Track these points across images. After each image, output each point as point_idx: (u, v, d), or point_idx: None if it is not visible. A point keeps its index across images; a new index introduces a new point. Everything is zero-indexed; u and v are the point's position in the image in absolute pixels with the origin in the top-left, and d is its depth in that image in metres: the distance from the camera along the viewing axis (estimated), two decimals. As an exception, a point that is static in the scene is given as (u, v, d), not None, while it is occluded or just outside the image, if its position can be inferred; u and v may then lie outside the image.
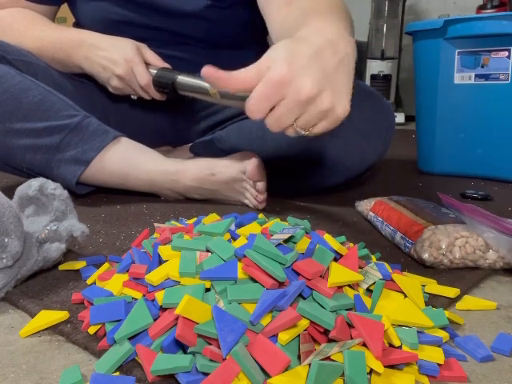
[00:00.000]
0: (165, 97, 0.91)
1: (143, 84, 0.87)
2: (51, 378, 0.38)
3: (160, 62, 0.90)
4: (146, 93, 0.90)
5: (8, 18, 0.94)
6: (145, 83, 0.87)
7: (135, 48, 0.88)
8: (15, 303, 0.49)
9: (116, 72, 0.87)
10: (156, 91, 0.89)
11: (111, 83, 0.89)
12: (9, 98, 0.79)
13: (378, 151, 0.88)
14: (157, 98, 0.91)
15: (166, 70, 0.88)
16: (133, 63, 0.86)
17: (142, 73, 0.87)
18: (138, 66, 0.87)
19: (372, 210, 0.74)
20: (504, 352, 0.41)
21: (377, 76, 2.40)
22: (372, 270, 0.46)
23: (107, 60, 0.87)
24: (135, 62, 0.86)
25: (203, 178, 0.84)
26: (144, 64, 0.88)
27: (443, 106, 1.13)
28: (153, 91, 0.89)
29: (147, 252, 0.50)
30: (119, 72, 0.86)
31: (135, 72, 0.87)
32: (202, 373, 0.34)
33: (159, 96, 0.91)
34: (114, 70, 0.87)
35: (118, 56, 0.86)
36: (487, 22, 1.03)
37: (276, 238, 0.45)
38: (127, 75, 0.87)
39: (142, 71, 0.87)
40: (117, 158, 0.83)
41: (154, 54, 0.91)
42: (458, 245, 0.57)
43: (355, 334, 0.37)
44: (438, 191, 0.73)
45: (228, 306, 0.38)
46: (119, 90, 0.91)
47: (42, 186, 0.56)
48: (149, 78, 0.87)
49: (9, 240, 0.48)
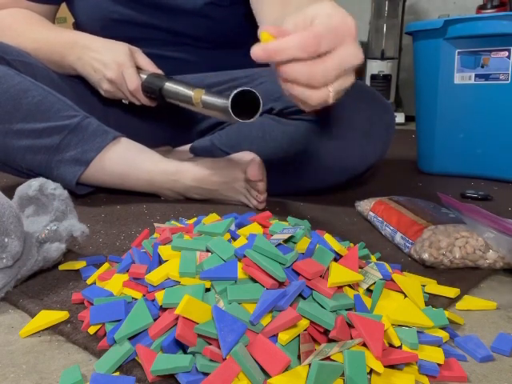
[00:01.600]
0: (154, 103, 0.90)
1: (132, 89, 0.86)
2: (51, 378, 0.38)
3: (152, 67, 0.88)
4: (136, 98, 0.89)
5: (7, 18, 0.94)
6: (133, 88, 0.85)
7: (128, 51, 0.87)
8: (15, 303, 0.49)
9: (107, 75, 0.85)
10: (145, 97, 0.87)
11: (102, 86, 0.88)
12: (8, 99, 0.79)
13: (378, 151, 0.88)
14: (146, 104, 0.89)
15: (157, 75, 0.86)
16: (123, 67, 0.85)
17: (132, 77, 0.85)
18: (128, 69, 0.85)
19: (372, 210, 0.74)
20: (504, 352, 0.41)
21: (377, 76, 2.40)
22: (372, 270, 0.46)
23: (98, 62, 0.86)
24: (126, 65, 0.85)
25: (203, 178, 0.84)
26: (135, 68, 0.86)
27: (443, 106, 1.13)
28: (142, 97, 0.87)
29: (147, 252, 0.50)
30: (110, 75, 0.85)
31: (125, 76, 0.85)
32: (202, 373, 0.34)
33: (148, 102, 0.89)
34: (104, 72, 0.86)
35: (109, 59, 0.85)
36: (487, 22, 1.03)
37: (276, 238, 0.45)
38: (117, 79, 0.85)
39: (132, 75, 0.85)
40: (117, 158, 0.83)
41: (146, 59, 0.89)
42: (458, 245, 0.57)
43: (355, 333, 0.37)
44: (438, 191, 0.73)
45: (228, 306, 0.38)
46: (110, 93, 0.90)
47: (42, 185, 0.56)
48: (138, 83, 0.85)
49: (9, 240, 0.48)
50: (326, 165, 0.87)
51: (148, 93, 0.86)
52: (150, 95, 0.87)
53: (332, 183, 0.91)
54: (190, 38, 0.97)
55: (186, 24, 0.95)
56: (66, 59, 0.89)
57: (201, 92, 0.74)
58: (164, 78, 0.85)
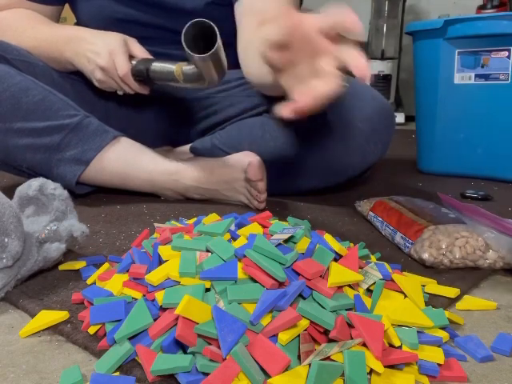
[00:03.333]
0: (146, 90, 0.88)
1: (122, 74, 0.84)
2: (51, 378, 0.38)
3: (146, 55, 0.87)
4: (127, 85, 0.87)
5: (9, 18, 0.94)
6: (123, 73, 0.84)
7: (121, 40, 0.85)
8: (15, 303, 0.49)
9: (99, 63, 0.84)
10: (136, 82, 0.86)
11: (95, 75, 0.87)
12: (8, 98, 0.79)
13: (377, 151, 0.88)
14: (137, 90, 0.88)
15: (146, 59, 0.85)
16: (114, 54, 0.84)
17: (122, 63, 0.84)
18: (118, 55, 0.84)
19: (372, 210, 0.74)
20: (504, 352, 0.41)
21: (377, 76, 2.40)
22: (372, 270, 0.46)
23: (92, 52, 0.85)
24: (117, 52, 0.84)
25: (203, 178, 0.84)
26: (126, 55, 0.85)
27: (443, 106, 1.13)
28: (132, 82, 0.86)
29: (147, 252, 0.50)
30: (101, 63, 0.84)
31: (115, 62, 0.84)
32: (202, 373, 0.34)
33: (139, 88, 0.87)
34: (96, 61, 0.84)
35: (102, 48, 0.84)
36: (487, 21, 1.03)
37: (276, 238, 0.45)
38: (109, 66, 0.84)
39: (122, 61, 0.84)
40: (117, 157, 0.83)
41: (141, 48, 0.88)
42: (458, 245, 0.57)
43: (355, 334, 0.37)
44: (438, 191, 0.73)
45: (228, 306, 0.38)
46: (103, 83, 0.88)
47: (42, 185, 0.56)
48: (128, 68, 0.84)
49: (9, 240, 0.48)
50: (326, 165, 0.87)
51: (137, 77, 0.85)
52: (138, 78, 0.85)
53: (332, 183, 0.91)
54: None
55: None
56: (64, 54, 0.89)
57: (182, 64, 0.75)
58: (151, 59, 0.84)
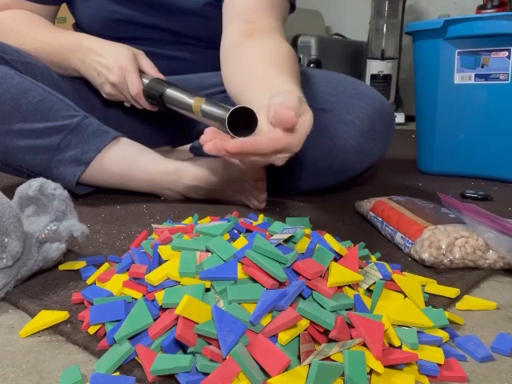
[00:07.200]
0: (156, 108, 0.90)
1: (134, 93, 0.86)
2: (51, 378, 0.38)
3: (155, 72, 0.89)
4: (137, 102, 0.89)
5: (9, 20, 0.94)
6: (135, 93, 0.86)
7: (131, 55, 0.87)
8: (15, 303, 0.49)
9: (110, 79, 0.86)
10: (146, 102, 0.88)
11: (104, 89, 0.89)
12: (8, 99, 0.79)
13: (377, 151, 0.88)
14: (147, 109, 0.90)
15: (159, 80, 0.86)
16: (126, 71, 0.85)
17: (134, 81, 0.85)
18: (131, 73, 0.85)
19: (372, 210, 0.74)
20: (504, 352, 0.41)
21: (377, 76, 2.40)
22: (372, 270, 0.46)
23: (102, 66, 0.86)
24: (129, 69, 0.85)
25: (203, 178, 0.84)
26: (138, 73, 0.86)
27: (443, 105, 1.13)
28: (143, 101, 0.88)
29: (147, 253, 0.50)
30: (112, 79, 0.85)
31: (127, 80, 0.86)
32: (202, 373, 0.34)
33: (149, 107, 0.89)
34: (107, 76, 0.86)
35: (113, 63, 0.85)
36: (487, 21, 1.03)
37: (276, 238, 0.45)
38: (120, 83, 0.86)
39: (134, 80, 0.85)
40: (117, 158, 0.83)
41: (150, 63, 0.89)
42: (458, 245, 0.57)
43: (355, 334, 0.37)
44: (438, 191, 0.73)
45: (228, 305, 0.38)
46: (112, 96, 0.90)
47: (42, 186, 0.56)
48: (139, 88, 0.86)
49: (9, 240, 0.48)
50: (326, 165, 0.87)
51: (148, 97, 0.87)
52: (151, 101, 0.87)
53: (332, 183, 0.91)
54: (190, 38, 0.97)
55: (186, 24, 0.95)
56: (70, 61, 0.89)
57: (201, 101, 0.75)
58: (165, 83, 0.85)
